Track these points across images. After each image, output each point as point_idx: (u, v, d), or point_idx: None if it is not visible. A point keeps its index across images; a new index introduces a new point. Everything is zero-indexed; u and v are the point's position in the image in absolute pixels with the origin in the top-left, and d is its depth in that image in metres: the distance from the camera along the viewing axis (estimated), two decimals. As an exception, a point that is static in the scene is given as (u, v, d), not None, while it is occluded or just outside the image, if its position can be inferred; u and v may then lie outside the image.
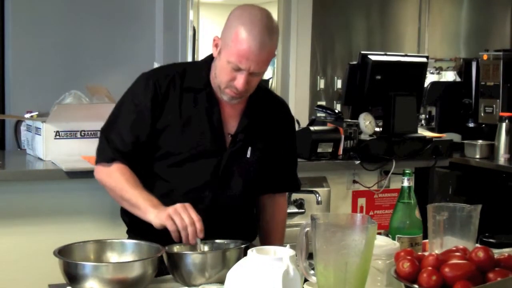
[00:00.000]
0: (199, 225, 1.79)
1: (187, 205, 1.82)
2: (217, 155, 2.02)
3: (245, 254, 1.52)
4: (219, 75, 1.97)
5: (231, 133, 2.04)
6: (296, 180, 2.29)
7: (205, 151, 2.01)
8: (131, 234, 2.11)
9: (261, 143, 2.09)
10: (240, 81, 1.92)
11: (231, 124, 2.05)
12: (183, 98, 2.02)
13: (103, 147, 2.05)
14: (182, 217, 1.79)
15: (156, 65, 2.22)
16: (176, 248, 1.78)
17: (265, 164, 2.11)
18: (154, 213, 1.86)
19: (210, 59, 2.06)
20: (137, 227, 2.06)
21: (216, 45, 1.98)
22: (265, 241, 2.21)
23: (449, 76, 4.77)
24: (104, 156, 2.03)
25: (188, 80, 2.05)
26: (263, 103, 2.13)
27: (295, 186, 2.30)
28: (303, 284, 1.53)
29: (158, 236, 1.80)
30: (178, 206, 1.81)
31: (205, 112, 2.02)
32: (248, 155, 2.06)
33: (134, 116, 2.01)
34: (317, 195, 3.05)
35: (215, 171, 2.02)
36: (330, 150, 3.27)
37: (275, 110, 2.17)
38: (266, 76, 5.76)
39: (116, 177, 1.99)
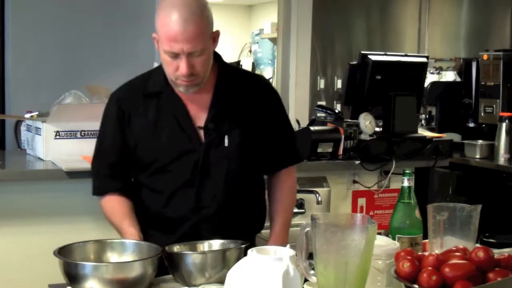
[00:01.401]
0: None
1: None
2: (194, 151, 1.99)
3: (245, 254, 1.52)
4: (165, 69, 1.95)
5: (201, 126, 2.01)
6: (296, 152, 2.22)
7: (181, 151, 1.99)
8: None
9: (240, 128, 2.03)
10: (182, 67, 1.88)
11: (202, 118, 2.01)
12: (148, 105, 2.02)
13: (93, 178, 2.15)
14: None
15: (155, 65, 2.21)
16: (176, 248, 1.78)
17: (251, 146, 2.06)
18: None
19: None
20: None
21: (157, 42, 1.95)
22: (273, 218, 2.17)
23: (449, 76, 4.77)
24: (95, 189, 2.14)
25: (150, 86, 2.04)
26: (238, 85, 2.07)
27: (296, 158, 2.22)
28: (303, 284, 1.53)
29: (154, 238, 1.80)
30: None
31: (170, 113, 2.00)
32: (226, 143, 2.02)
33: (107, 140, 2.07)
34: (317, 195, 3.05)
35: (195, 167, 1.99)
36: (330, 150, 3.27)
37: (254, 88, 2.11)
38: (266, 76, 5.76)
39: (106, 209, 2.09)
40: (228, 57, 3.69)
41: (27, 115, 3.16)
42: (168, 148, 2.00)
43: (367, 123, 3.40)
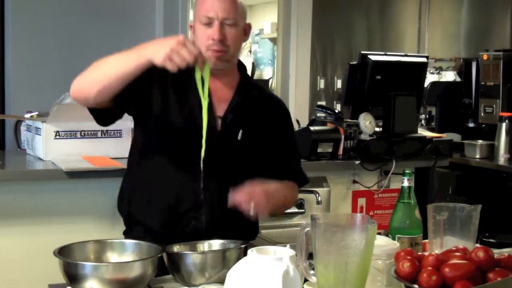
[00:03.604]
0: (201, 57, 1.79)
1: (183, 39, 1.77)
2: (207, 137, 1.99)
3: (245, 254, 1.52)
4: (198, 43, 1.97)
5: (221, 116, 2.05)
6: (302, 174, 2.25)
7: (195, 135, 1.99)
8: (128, 236, 2.11)
9: (254, 126, 2.09)
10: (214, 31, 1.97)
11: (221, 108, 2.05)
12: (177, 80, 2.03)
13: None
14: (182, 55, 1.75)
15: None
16: (176, 248, 1.78)
17: (261, 147, 2.09)
18: (149, 52, 1.80)
19: None
20: (133, 223, 2.09)
21: (192, 29, 2.06)
22: None
23: (449, 76, 4.77)
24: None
25: None
26: (257, 94, 2.14)
27: (301, 180, 2.25)
28: (303, 284, 1.53)
29: (155, 237, 1.80)
30: (173, 44, 1.75)
31: (196, 95, 2.00)
32: (239, 137, 2.06)
33: None
34: (317, 195, 3.04)
35: (206, 152, 1.99)
36: (330, 150, 3.27)
37: (271, 106, 2.18)
38: (266, 76, 5.76)
39: (93, 65, 1.97)
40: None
41: (27, 115, 3.16)
42: (184, 128, 2.01)
43: (367, 123, 3.40)
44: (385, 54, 3.62)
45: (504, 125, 4.11)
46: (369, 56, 3.49)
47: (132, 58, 1.86)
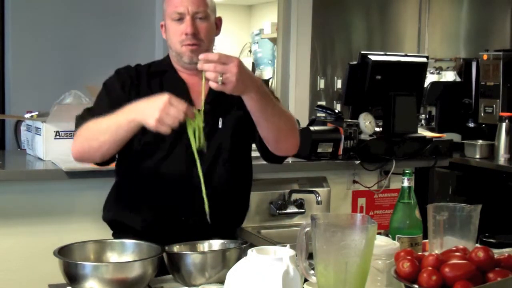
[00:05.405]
0: (190, 111, 1.79)
1: (168, 98, 1.77)
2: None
3: (245, 254, 1.52)
4: (172, 40, 2.04)
5: (199, 109, 2.04)
6: None
7: (177, 130, 1.96)
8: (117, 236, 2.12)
9: (234, 113, 2.08)
10: (187, 25, 1.99)
11: (199, 102, 2.03)
12: (151, 83, 2.08)
13: (78, 126, 2.00)
14: (172, 115, 1.76)
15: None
16: (176, 248, 1.78)
17: (244, 131, 2.09)
18: (138, 116, 1.81)
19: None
20: (121, 229, 2.11)
21: (163, 29, 2.09)
22: None
23: (449, 76, 4.77)
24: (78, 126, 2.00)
25: (153, 67, 2.13)
26: None
27: None
28: (303, 284, 1.53)
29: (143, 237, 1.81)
30: (161, 105, 1.75)
31: (173, 92, 2.00)
32: (220, 125, 2.08)
33: (108, 100, 2.04)
34: (317, 195, 3.04)
35: (189, 147, 1.98)
36: (330, 150, 3.27)
37: None
38: (266, 76, 5.76)
39: (88, 124, 1.95)
40: (228, 57, 3.67)
41: (27, 115, 3.16)
42: (172, 142, 2.02)
43: (367, 123, 3.40)
44: (385, 54, 3.62)
45: (504, 125, 4.11)
46: (369, 56, 3.49)
47: (122, 125, 1.87)
